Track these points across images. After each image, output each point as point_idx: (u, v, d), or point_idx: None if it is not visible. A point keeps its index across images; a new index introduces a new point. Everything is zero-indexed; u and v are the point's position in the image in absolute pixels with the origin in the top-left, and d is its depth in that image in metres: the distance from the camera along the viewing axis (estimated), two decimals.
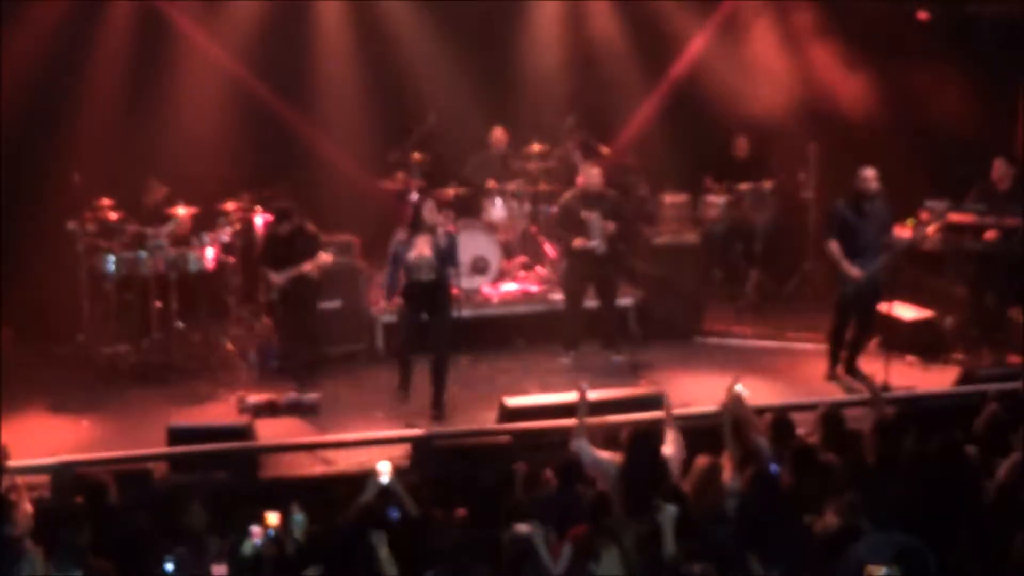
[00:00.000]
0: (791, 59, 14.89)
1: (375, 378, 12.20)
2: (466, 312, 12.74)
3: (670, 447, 8.35)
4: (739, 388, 8.82)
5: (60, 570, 6.96)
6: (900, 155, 14.53)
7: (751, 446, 8.49)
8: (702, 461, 7.91)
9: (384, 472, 7.79)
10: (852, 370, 12.00)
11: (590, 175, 12.53)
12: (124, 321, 12.62)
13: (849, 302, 11.94)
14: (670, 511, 7.19)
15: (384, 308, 12.00)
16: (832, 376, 12.00)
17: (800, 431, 8.90)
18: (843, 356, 12.05)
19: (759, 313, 14.03)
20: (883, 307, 12.05)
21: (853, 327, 12.04)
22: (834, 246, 11.84)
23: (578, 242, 12.34)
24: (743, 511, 7.46)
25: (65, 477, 9.23)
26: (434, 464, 9.77)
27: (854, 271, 11.68)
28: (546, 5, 15.01)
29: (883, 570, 6.58)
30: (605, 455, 8.33)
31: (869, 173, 11.76)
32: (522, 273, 13.98)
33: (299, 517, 7.43)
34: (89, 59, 13.74)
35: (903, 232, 11.87)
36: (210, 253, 12.53)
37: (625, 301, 13.16)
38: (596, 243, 12.29)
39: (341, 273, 12.63)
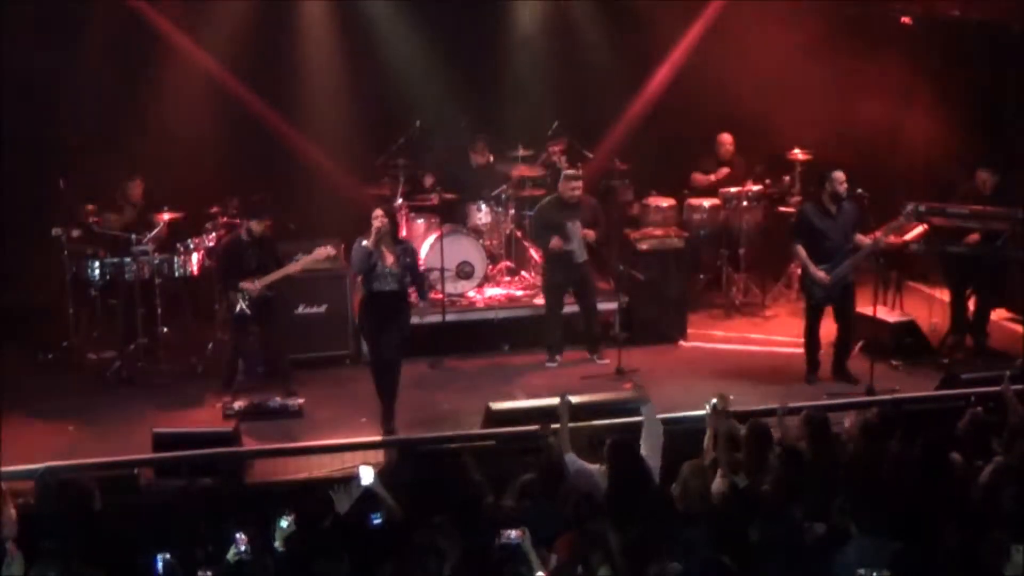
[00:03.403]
0: (776, 63, 14.93)
1: (360, 383, 12.20)
2: (451, 316, 12.79)
3: (643, 446, 8.38)
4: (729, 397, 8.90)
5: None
6: (884, 160, 14.63)
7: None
8: (688, 465, 7.94)
9: (366, 476, 7.79)
10: (841, 373, 12.04)
11: (566, 187, 12.59)
12: (109, 327, 12.62)
13: (819, 305, 12.01)
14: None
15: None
16: (811, 380, 12.04)
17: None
18: (831, 359, 12.10)
19: (744, 317, 14.08)
20: (867, 310, 12.13)
21: (837, 330, 12.09)
22: (800, 250, 11.90)
23: (555, 243, 12.37)
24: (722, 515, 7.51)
25: (50, 483, 9.21)
26: (419, 468, 9.78)
27: (821, 275, 11.74)
28: (531, 9, 15.02)
29: (874, 574, 6.61)
30: (592, 467, 8.38)
31: (841, 176, 11.80)
32: (507, 278, 14.01)
33: (284, 523, 7.42)
34: (74, 65, 13.73)
35: (874, 234, 11.87)
36: (195, 258, 12.53)
37: (610, 305, 13.18)
38: (575, 247, 12.34)
39: (326, 278, 12.62)
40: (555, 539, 7.21)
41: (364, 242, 10.92)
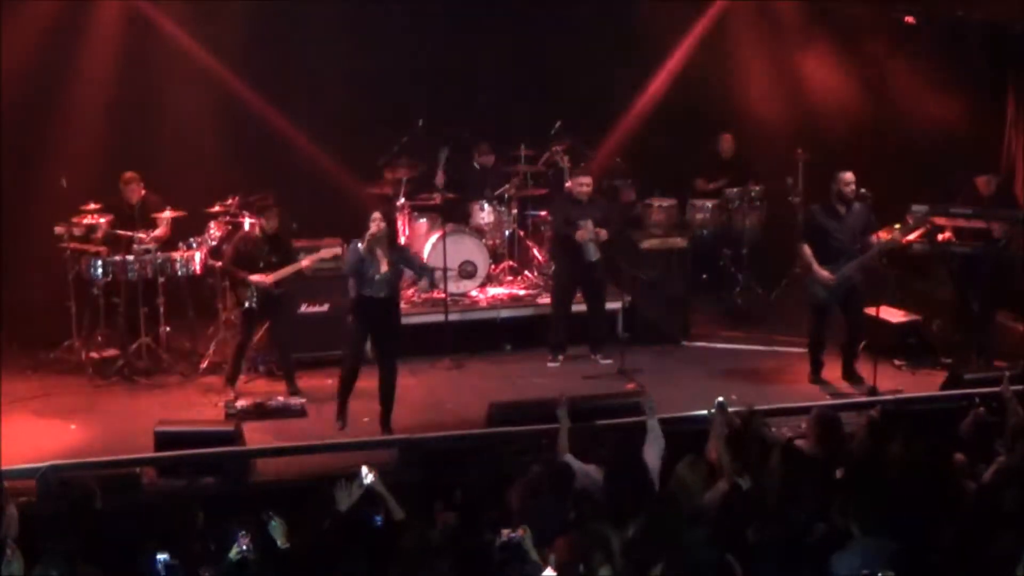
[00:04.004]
0: (779, 63, 14.91)
1: (361, 382, 12.16)
2: (453, 316, 12.78)
3: (650, 450, 8.39)
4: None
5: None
6: (887, 160, 14.61)
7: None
8: (685, 460, 7.94)
9: (367, 475, 7.77)
10: (849, 374, 12.01)
11: (576, 183, 12.62)
12: (112, 325, 12.62)
13: (822, 306, 11.96)
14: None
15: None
16: (815, 380, 12.01)
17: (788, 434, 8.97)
18: (839, 360, 12.07)
19: (746, 317, 14.07)
20: (871, 310, 12.11)
21: (845, 331, 12.06)
22: (806, 250, 11.86)
23: (581, 234, 12.34)
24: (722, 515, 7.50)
25: (51, 482, 9.21)
26: (421, 467, 9.78)
27: (825, 275, 11.70)
28: (531, 10, 15.00)
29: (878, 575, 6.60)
30: (589, 467, 8.37)
31: (848, 177, 11.74)
32: (509, 277, 14.00)
33: (275, 523, 7.41)
34: (76, 64, 13.73)
35: (882, 235, 11.84)
36: (197, 257, 12.53)
37: (613, 305, 13.17)
38: (588, 245, 12.32)
39: (328, 278, 12.61)
40: (556, 539, 7.20)
41: (359, 244, 10.92)
